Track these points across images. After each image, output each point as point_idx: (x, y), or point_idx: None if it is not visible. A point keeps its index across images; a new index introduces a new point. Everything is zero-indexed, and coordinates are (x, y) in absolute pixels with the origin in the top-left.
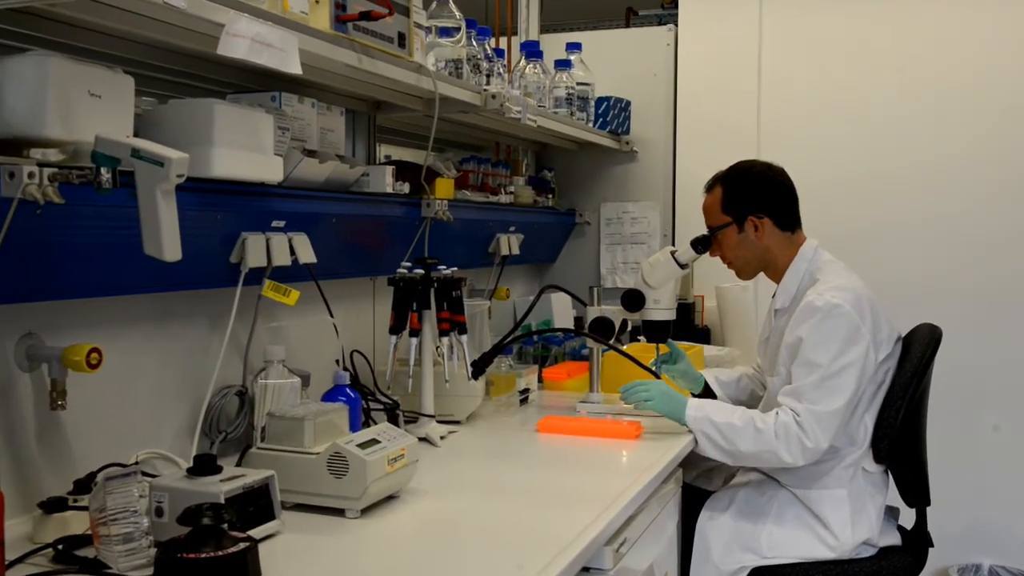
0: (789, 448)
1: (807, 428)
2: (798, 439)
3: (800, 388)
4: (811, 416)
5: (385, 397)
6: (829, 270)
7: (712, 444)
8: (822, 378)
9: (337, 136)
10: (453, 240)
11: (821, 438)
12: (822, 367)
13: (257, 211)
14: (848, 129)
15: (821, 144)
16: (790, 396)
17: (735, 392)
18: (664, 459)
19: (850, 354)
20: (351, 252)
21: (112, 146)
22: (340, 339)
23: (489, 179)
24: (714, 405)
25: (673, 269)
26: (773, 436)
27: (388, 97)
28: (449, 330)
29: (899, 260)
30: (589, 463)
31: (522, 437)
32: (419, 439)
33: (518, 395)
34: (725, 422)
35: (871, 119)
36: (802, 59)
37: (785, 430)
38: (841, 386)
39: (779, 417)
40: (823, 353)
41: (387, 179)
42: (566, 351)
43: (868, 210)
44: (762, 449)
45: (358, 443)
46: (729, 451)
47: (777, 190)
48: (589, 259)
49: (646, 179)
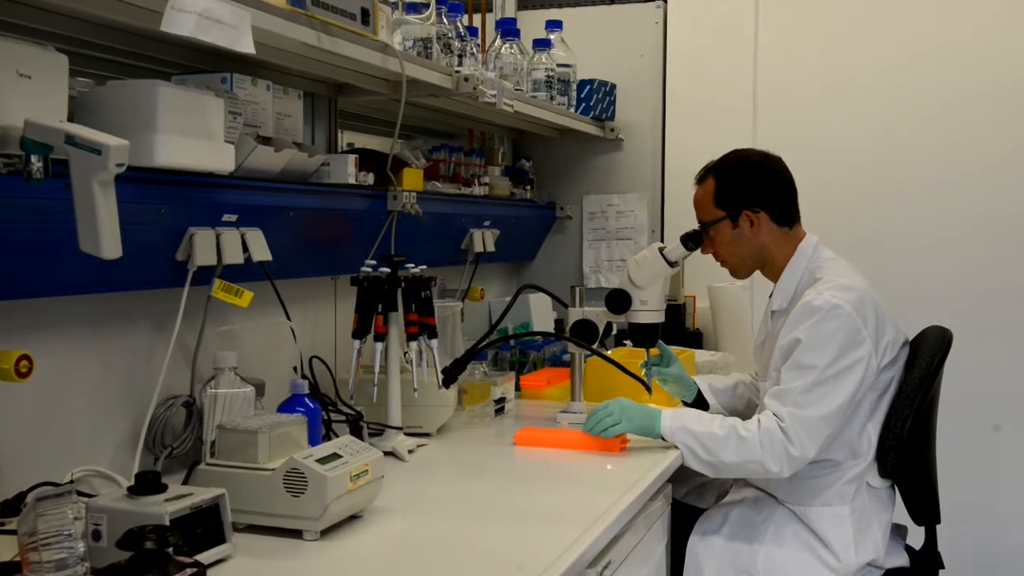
0: (775, 457)
1: (792, 434)
2: (783, 446)
3: (787, 391)
4: (796, 421)
5: (348, 407)
6: (830, 268)
7: (693, 456)
8: (814, 382)
9: (294, 122)
10: (422, 236)
11: (808, 445)
12: (816, 371)
13: (206, 204)
14: (854, 114)
15: (824, 131)
16: (775, 399)
17: (730, 400)
18: (651, 474)
19: (848, 358)
20: (310, 249)
21: (43, 132)
22: (298, 344)
23: (462, 169)
24: (692, 414)
25: (662, 267)
26: (758, 445)
27: (350, 79)
28: (418, 334)
29: (907, 258)
30: (570, 479)
31: (498, 451)
32: (385, 453)
33: (493, 405)
34: (705, 431)
35: (879, 104)
36: (803, 37)
37: (769, 437)
38: (834, 391)
39: (762, 423)
40: (818, 356)
41: (350, 169)
42: (546, 357)
43: (874, 204)
44: (746, 459)
45: (317, 458)
46: (711, 463)
47: (774, 182)
48: (571, 256)
49: (632, 169)
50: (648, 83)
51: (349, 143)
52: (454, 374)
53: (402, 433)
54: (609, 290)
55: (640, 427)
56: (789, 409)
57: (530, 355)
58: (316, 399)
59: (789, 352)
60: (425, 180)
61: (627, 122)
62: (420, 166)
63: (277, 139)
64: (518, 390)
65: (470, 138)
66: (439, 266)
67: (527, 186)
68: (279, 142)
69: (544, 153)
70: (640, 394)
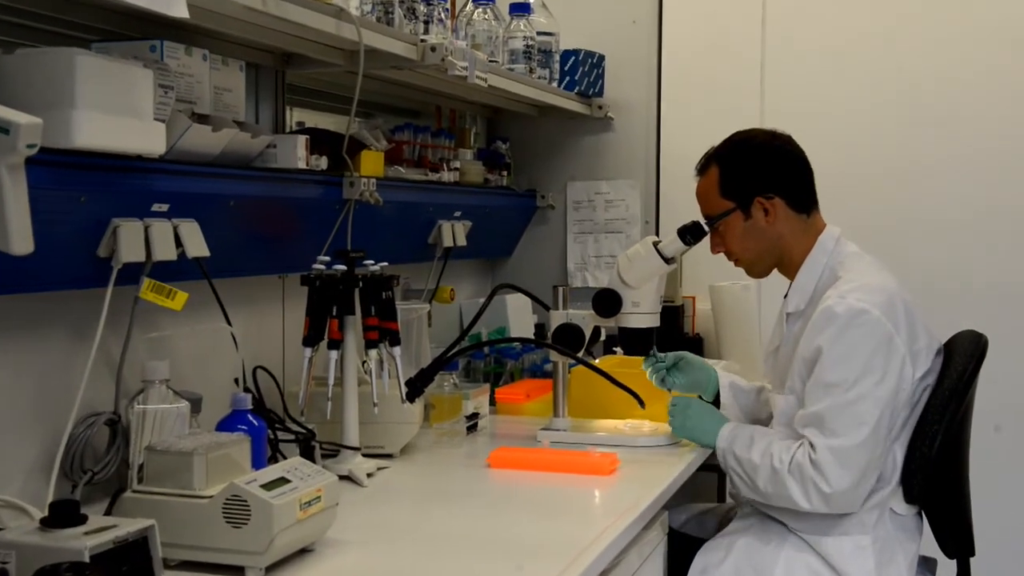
0: (806, 493)
1: (824, 467)
2: (812, 483)
3: (816, 415)
4: (828, 452)
5: (297, 425)
6: (854, 265)
7: (741, 482)
8: (843, 403)
9: (235, 97)
10: (383, 228)
11: (842, 478)
12: (841, 389)
13: (132, 192)
14: (873, 91)
15: (840, 110)
16: (810, 425)
17: (754, 405)
18: (646, 499)
19: (879, 371)
20: (254, 243)
21: None
22: (240, 353)
23: (428, 152)
24: (745, 435)
25: (656, 264)
26: (787, 478)
27: (300, 48)
28: (378, 341)
29: (934, 253)
30: (553, 506)
31: (469, 474)
32: (340, 477)
33: (465, 421)
34: (746, 457)
35: (902, 78)
36: (817, 3)
37: (800, 472)
38: (867, 412)
39: (796, 456)
40: (843, 371)
41: (299, 152)
42: (524, 366)
43: (897, 193)
44: (778, 492)
45: (262, 483)
46: (752, 488)
47: (787, 162)
48: (553, 252)
49: (624, 152)
50: (641, 54)
51: (299, 122)
52: (420, 387)
53: (360, 454)
54: (597, 290)
55: (691, 437)
56: (822, 439)
57: (507, 364)
58: (261, 415)
59: (812, 364)
60: (386, 164)
61: (617, 99)
62: (380, 148)
63: (215, 117)
64: (493, 405)
65: (438, 116)
66: (403, 263)
67: (503, 171)
68: (218, 120)
69: (523, 134)
70: (633, 407)
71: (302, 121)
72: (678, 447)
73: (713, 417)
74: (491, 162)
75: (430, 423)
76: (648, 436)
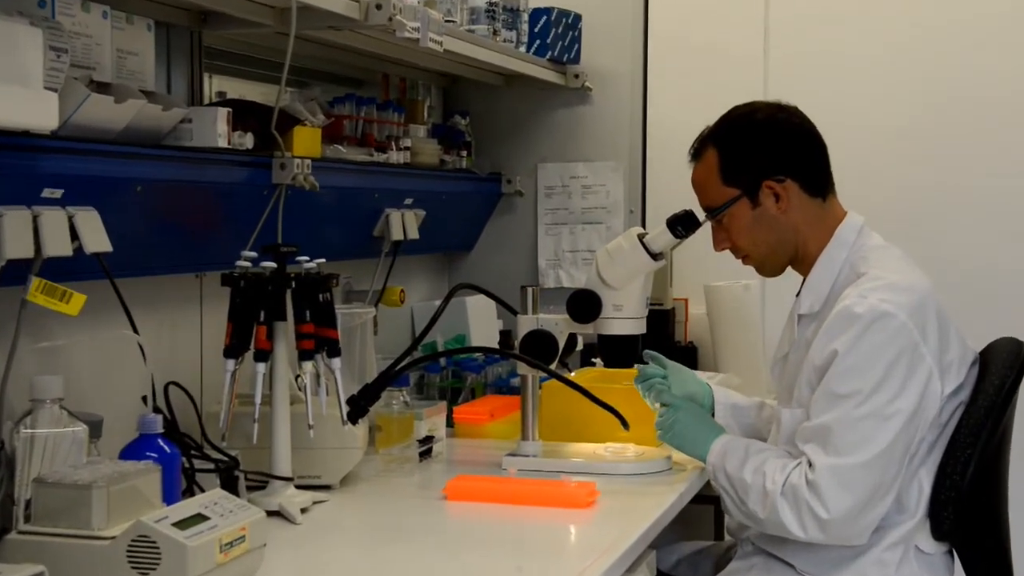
0: (800, 520)
1: (822, 489)
2: (807, 507)
3: (820, 429)
4: (829, 472)
5: (218, 452)
6: (878, 260)
7: (731, 502)
8: (854, 417)
9: (143, 62)
10: (320, 218)
11: (842, 502)
12: (853, 400)
13: (18, 175)
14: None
15: (858, 82)
16: (810, 440)
17: (756, 424)
18: (630, 537)
19: (897, 383)
20: (166, 236)
21: None
22: (149, 366)
23: (374, 129)
24: (739, 449)
25: (642, 261)
26: (779, 502)
27: (220, 5)
28: (314, 351)
29: (966, 247)
30: (520, 544)
31: (423, 508)
32: (268, 513)
33: (417, 446)
34: (737, 475)
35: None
36: None
37: (793, 495)
38: (881, 428)
39: (790, 476)
40: (858, 380)
41: (220, 127)
42: (488, 381)
43: (922, 175)
44: (770, 518)
45: (175, 521)
46: (744, 512)
47: (797, 138)
48: (521, 246)
49: (604, 129)
50: (625, 14)
51: (219, 92)
52: (364, 405)
53: (292, 486)
54: (573, 291)
55: (680, 447)
56: (823, 457)
57: (467, 379)
58: (174, 440)
59: (823, 372)
60: (324, 143)
61: (596, 66)
62: (317, 124)
63: (118, 85)
64: (450, 426)
65: (385, 86)
66: (344, 259)
67: (462, 151)
68: (121, 90)
69: (485, 107)
70: (616, 428)
71: (223, 91)
72: (668, 475)
73: (707, 426)
74: (448, 140)
75: (376, 448)
76: (633, 463)
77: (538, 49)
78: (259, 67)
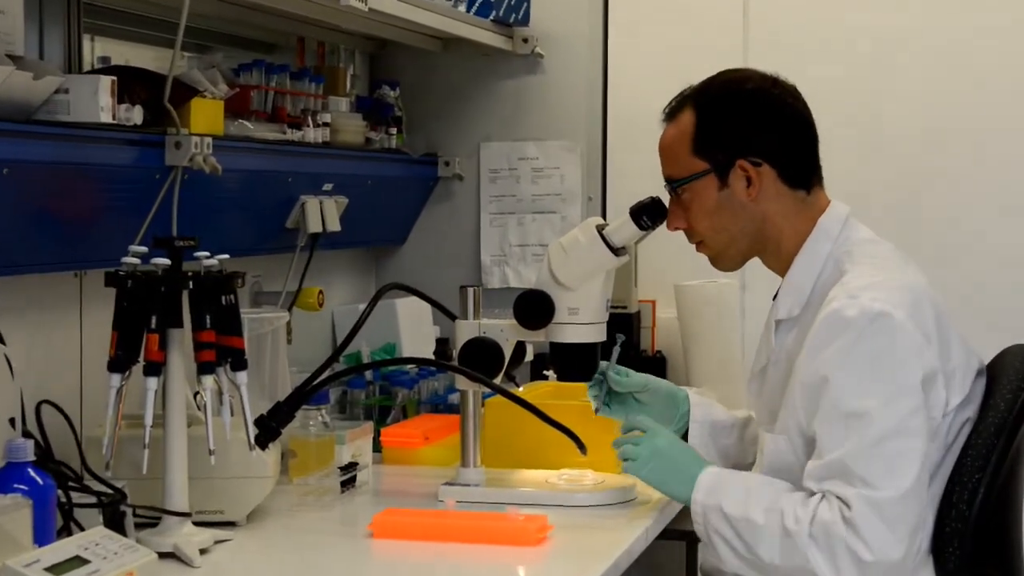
0: (834, 563)
1: (864, 529)
2: (846, 548)
3: (843, 459)
4: (869, 508)
5: (100, 482)
6: (866, 255)
7: (730, 550)
8: (875, 438)
9: (9, 21)
10: (223, 207)
11: (890, 543)
12: (868, 419)
13: None
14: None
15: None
16: (833, 478)
17: (738, 445)
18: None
19: (913, 392)
20: (39, 228)
21: None
22: (18, 381)
23: (287, 101)
24: (735, 484)
25: (602, 256)
26: (810, 545)
27: None
28: (216, 363)
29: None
30: None
31: (345, 547)
32: (161, 555)
33: (339, 474)
34: (740, 515)
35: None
36: None
37: (826, 536)
38: (911, 448)
39: (818, 514)
40: (867, 394)
41: (103, 99)
42: (421, 397)
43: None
44: (793, 564)
45: (48, 565)
46: (750, 560)
47: (785, 120)
48: (461, 240)
49: (558, 103)
50: None
51: (102, 57)
52: (275, 427)
53: (190, 522)
54: (521, 292)
55: (660, 485)
56: (858, 490)
57: (397, 395)
58: (48, 470)
59: (818, 395)
60: (228, 118)
61: (549, 29)
62: (219, 96)
63: None
64: (378, 450)
65: (300, 52)
66: (251, 255)
67: (392, 128)
68: None
69: (419, 77)
70: (571, 452)
71: (107, 56)
72: (632, 507)
73: (687, 456)
74: (375, 115)
75: (289, 478)
76: (591, 492)
77: (480, 8)
78: (150, 28)
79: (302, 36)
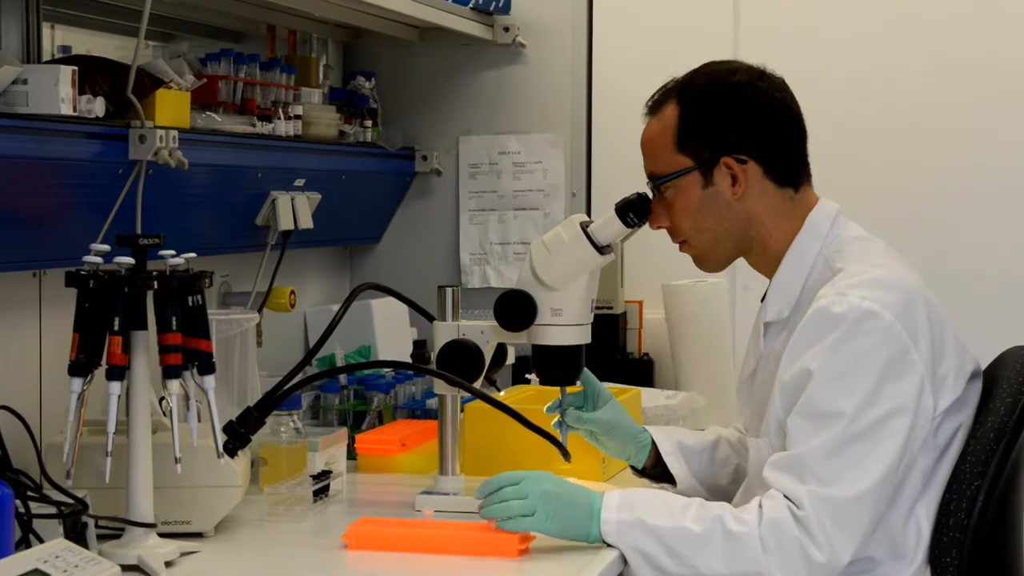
0: (787, 565)
1: (815, 528)
2: (799, 548)
3: (801, 457)
4: (821, 507)
5: (60, 492)
6: (857, 252)
7: (652, 567)
8: (846, 439)
9: None
10: (190, 203)
11: (840, 543)
12: (843, 420)
13: None
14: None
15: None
16: (784, 471)
17: (709, 468)
18: None
19: (891, 396)
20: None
21: None
22: None
23: (256, 93)
24: (649, 498)
25: (586, 255)
26: (758, 547)
27: None
28: (182, 367)
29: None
30: None
31: (318, 559)
32: (125, 567)
33: (311, 483)
34: (672, 526)
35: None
36: None
37: (777, 534)
38: (875, 452)
39: (765, 512)
40: (845, 394)
41: (63, 90)
42: (398, 402)
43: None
44: (740, 571)
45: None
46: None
47: (773, 116)
48: (440, 238)
49: (541, 95)
50: None
51: (63, 47)
52: (244, 434)
53: (155, 533)
54: (502, 292)
55: (565, 528)
56: (809, 487)
57: (373, 400)
58: (4, 479)
59: (799, 390)
60: (195, 110)
61: (531, 18)
62: (186, 87)
63: None
64: (352, 458)
65: (271, 41)
66: (220, 253)
67: (367, 121)
68: None
69: (396, 67)
70: (554, 459)
71: (68, 45)
72: None
73: (578, 490)
74: (349, 107)
75: (260, 486)
76: None
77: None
78: (113, 16)
79: (272, 24)
